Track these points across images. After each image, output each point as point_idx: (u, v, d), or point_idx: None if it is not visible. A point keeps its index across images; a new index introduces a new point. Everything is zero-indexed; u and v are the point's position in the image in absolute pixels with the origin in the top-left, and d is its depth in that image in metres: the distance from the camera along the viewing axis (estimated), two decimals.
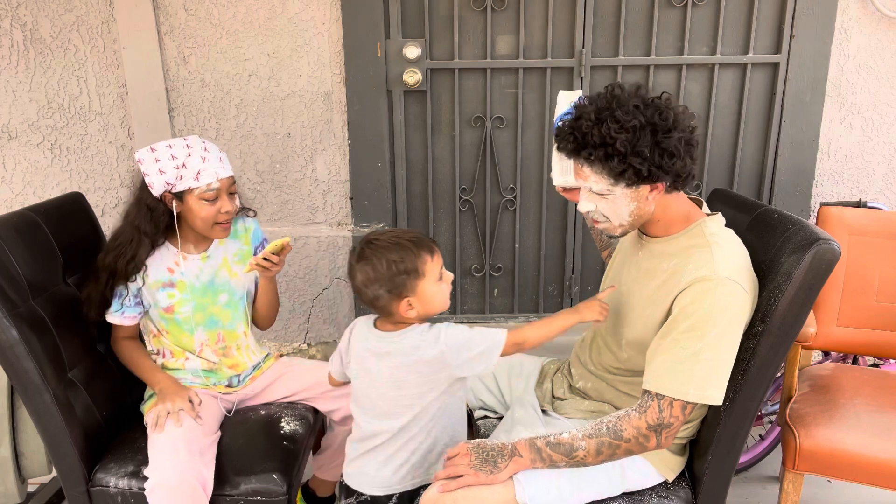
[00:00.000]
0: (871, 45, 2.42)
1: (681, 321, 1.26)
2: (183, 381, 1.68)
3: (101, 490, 1.53)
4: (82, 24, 2.38)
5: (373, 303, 1.36)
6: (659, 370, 1.27)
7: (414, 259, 1.32)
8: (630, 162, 1.23)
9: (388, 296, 1.32)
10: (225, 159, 1.63)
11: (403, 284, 1.32)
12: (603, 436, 1.28)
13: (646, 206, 1.32)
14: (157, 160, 1.54)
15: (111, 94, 2.45)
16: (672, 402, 1.26)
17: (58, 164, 2.51)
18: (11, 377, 1.45)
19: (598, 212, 1.34)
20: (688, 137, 1.26)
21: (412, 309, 1.34)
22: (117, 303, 1.63)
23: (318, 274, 2.62)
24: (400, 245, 1.32)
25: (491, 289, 2.74)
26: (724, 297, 1.24)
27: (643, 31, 2.45)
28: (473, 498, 1.29)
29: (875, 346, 1.93)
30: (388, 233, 1.37)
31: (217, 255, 1.71)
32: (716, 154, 2.57)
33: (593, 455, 1.29)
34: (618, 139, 1.22)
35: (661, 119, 1.23)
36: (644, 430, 1.27)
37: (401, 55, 2.43)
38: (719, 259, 1.27)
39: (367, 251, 1.34)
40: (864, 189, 2.57)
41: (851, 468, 1.59)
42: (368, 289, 1.33)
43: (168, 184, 1.55)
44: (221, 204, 1.59)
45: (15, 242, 1.51)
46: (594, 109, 1.26)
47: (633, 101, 1.24)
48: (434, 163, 2.59)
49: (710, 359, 1.24)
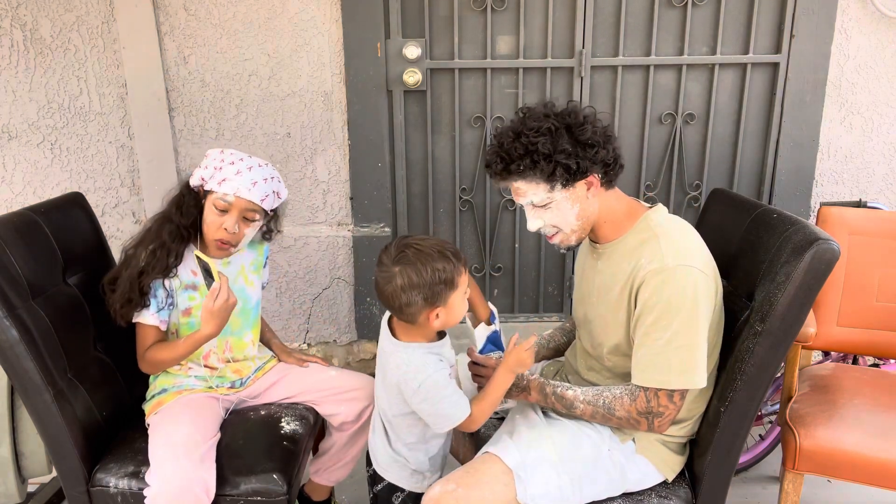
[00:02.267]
0: (871, 45, 2.42)
1: (646, 315, 1.31)
2: (185, 385, 1.67)
3: (101, 490, 1.53)
4: (82, 24, 2.38)
5: (402, 308, 1.31)
6: (640, 364, 1.33)
7: (453, 270, 1.30)
8: (556, 160, 1.30)
9: (422, 304, 1.30)
10: (262, 187, 1.58)
11: (440, 294, 1.30)
12: (598, 408, 1.38)
13: (589, 205, 1.37)
14: (212, 157, 1.59)
15: (111, 94, 2.45)
16: (657, 392, 1.32)
17: (58, 164, 2.51)
18: (11, 377, 1.44)
19: (547, 225, 1.40)
20: (602, 128, 1.35)
21: (438, 319, 1.33)
22: (156, 302, 1.59)
23: (318, 274, 2.62)
24: (444, 255, 1.30)
25: (491, 289, 2.74)
26: (680, 283, 1.27)
27: (643, 31, 2.45)
28: (474, 497, 1.30)
29: (875, 346, 1.93)
30: (427, 239, 1.33)
31: (236, 262, 1.72)
32: (716, 154, 2.57)
33: (588, 417, 1.41)
34: (538, 142, 1.30)
35: (572, 117, 1.33)
36: (635, 416, 1.35)
37: (401, 55, 2.43)
38: (666, 247, 1.31)
39: (412, 256, 1.29)
40: (864, 189, 2.57)
41: (851, 468, 1.59)
42: (405, 293, 1.29)
43: (202, 179, 1.58)
44: (227, 220, 1.57)
45: (15, 242, 1.51)
46: (510, 128, 1.35)
47: (542, 111, 1.35)
48: (434, 163, 2.59)
49: (684, 344, 1.28)
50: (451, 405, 1.33)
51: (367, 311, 2.64)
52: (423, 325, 1.34)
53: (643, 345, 1.32)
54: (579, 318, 1.57)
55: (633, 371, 1.35)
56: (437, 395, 1.32)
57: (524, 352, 1.36)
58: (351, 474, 1.92)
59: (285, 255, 2.60)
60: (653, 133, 2.55)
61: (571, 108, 1.36)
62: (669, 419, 1.35)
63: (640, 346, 1.33)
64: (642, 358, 1.33)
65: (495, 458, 1.36)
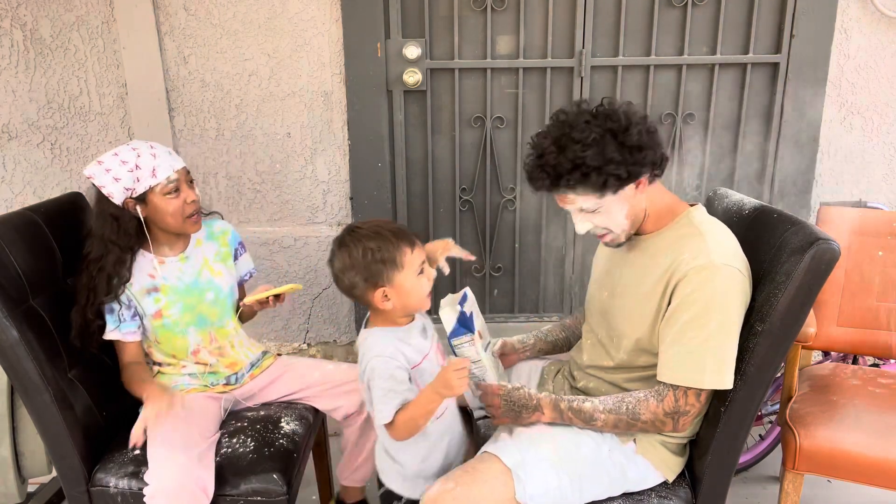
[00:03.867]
0: (871, 45, 2.42)
1: (684, 310, 1.29)
2: (181, 384, 1.67)
3: (101, 490, 1.53)
4: (82, 24, 2.38)
5: (350, 291, 1.37)
6: (671, 361, 1.31)
7: (392, 249, 1.32)
8: (607, 171, 1.26)
9: (363, 284, 1.33)
10: (174, 153, 1.62)
11: (380, 274, 1.32)
12: (622, 415, 1.36)
13: (637, 202, 1.36)
14: (108, 170, 1.52)
15: (111, 94, 2.45)
16: (687, 391, 1.31)
17: (58, 164, 2.51)
18: (11, 377, 1.45)
19: (598, 227, 1.38)
20: (646, 127, 1.30)
21: (388, 300, 1.34)
22: (112, 319, 1.59)
23: (318, 274, 2.62)
24: (380, 234, 1.33)
25: (491, 289, 2.74)
26: (724, 283, 1.27)
27: (643, 31, 2.45)
28: (473, 496, 1.30)
29: (875, 346, 1.93)
30: (370, 222, 1.37)
31: (196, 256, 1.70)
32: (716, 154, 2.57)
33: (610, 427, 1.38)
34: (586, 156, 1.25)
35: (614, 122, 1.27)
36: (661, 417, 1.33)
37: (401, 55, 2.43)
38: (713, 246, 1.30)
39: (347, 238, 1.35)
40: (864, 189, 2.57)
41: (851, 468, 1.59)
42: (345, 275, 1.34)
43: (127, 189, 1.53)
44: (185, 194, 1.59)
45: (15, 242, 1.51)
46: (552, 140, 1.30)
47: (583, 117, 1.29)
48: (434, 163, 2.59)
49: (719, 345, 1.27)
50: (379, 399, 1.32)
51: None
52: (379, 308, 1.37)
53: (677, 342, 1.30)
54: (595, 308, 1.54)
55: (662, 369, 1.33)
56: (372, 382, 1.33)
57: (453, 373, 1.25)
58: None
59: (285, 255, 2.60)
60: None
61: (611, 108, 1.30)
62: (693, 417, 1.34)
63: (672, 344, 1.30)
64: (675, 356, 1.30)
65: (494, 458, 1.36)
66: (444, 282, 2.74)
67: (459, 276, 2.71)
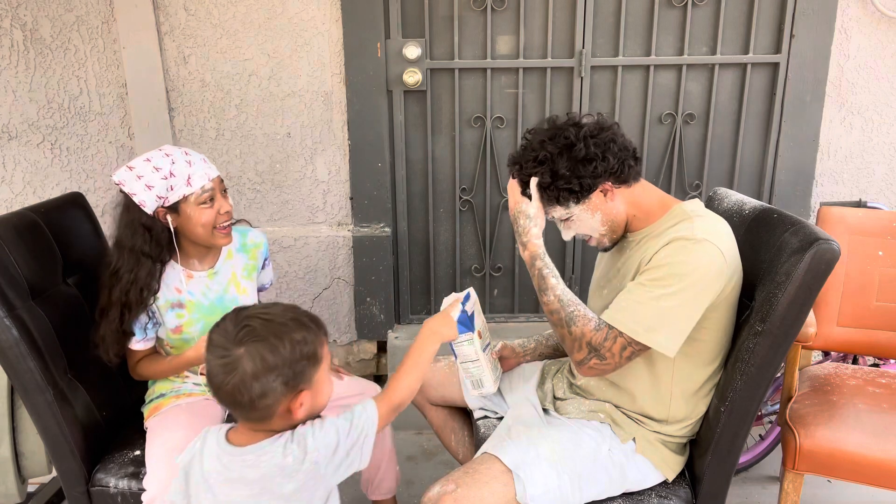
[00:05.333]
0: (871, 45, 2.42)
1: (651, 270, 1.31)
2: (183, 390, 1.67)
3: (101, 490, 1.53)
4: (82, 24, 2.38)
5: (255, 402, 1.02)
6: (618, 305, 1.33)
7: (315, 340, 1.07)
8: (556, 186, 1.35)
9: (282, 389, 1.03)
10: (207, 160, 1.57)
11: (303, 373, 1.05)
12: (563, 310, 1.36)
13: (612, 208, 1.39)
14: (139, 177, 1.46)
15: (111, 94, 2.45)
16: (618, 336, 1.30)
17: (58, 164, 2.51)
18: (11, 377, 1.44)
19: (578, 234, 1.45)
20: (598, 139, 1.34)
21: (303, 407, 1.06)
22: (139, 330, 1.57)
23: (318, 274, 2.62)
24: (300, 322, 1.07)
25: (491, 289, 2.74)
26: (699, 256, 1.27)
27: (643, 31, 2.45)
28: (473, 497, 1.30)
29: (875, 346, 1.93)
30: (272, 306, 1.09)
31: (225, 270, 1.67)
32: (716, 154, 2.57)
33: (546, 312, 1.40)
34: (536, 173, 1.37)
35: (564, 139, 1.35)
36: (584, 342, 1.33)
37: (401, 55, 2.43)
38: (699, 224, 1.32)
39: (259, 327, 1.03)
40: (864, 189, 2.57)
41: (851, 468, 1.59)
42: (258, 381, 1.01)
43: (160, 197, 1.47)
44: (220, 204, 1.54)
45: (15, 242, 1.51)
46: (513, 158, 1.42)
47: (540, 136, 1.38)
48: (434, 163, 2.59)
49: (670, 307, 1.27)
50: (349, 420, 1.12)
51: (367, 311, 2.64)
52: (281, 421, 1.06)
53: (631, 291, 1.32)
54: (596, 307, 1.53)
55: (609, 310, 1.33)
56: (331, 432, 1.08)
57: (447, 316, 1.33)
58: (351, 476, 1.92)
59: (285, 255, 2.60)
60: (653, 133, 2.54)
61: (569, 122, 1.38)
62: (604, 370, 1.34)
63: (627, 292, 1.32)
64: (623, 301, 1.31)
65: (494, 458, 1.36)
66: (445, 282, 2.74)
67: (460, 276, 2.71)
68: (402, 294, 2.72)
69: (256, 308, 1.08)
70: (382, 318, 2.64)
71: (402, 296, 2.72)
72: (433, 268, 2.71)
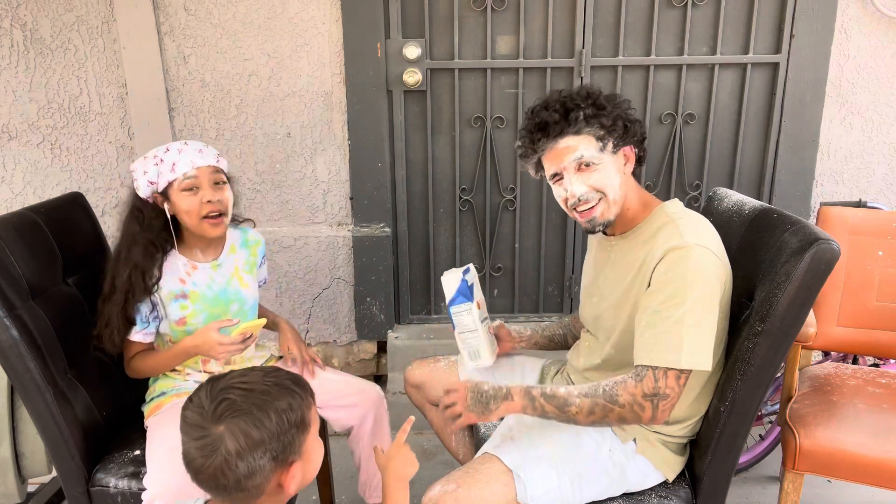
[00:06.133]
0: (871, 45, 2.42)
1: (659, 291, 1.29)
2: (184, 388, 1.66)
3: (101, 490, 1.53)
4: (82, 24, 2.38)
5: (241, 483, 0.92)
6: (648, 343, 1.28)
7: (301, 405, 0.97)
8: (613, 114, 1.34)
9: (270, 466, 0.93)
10: (208, 152, 1.58)
11: (292, 444, 0.95)
12: (598, 397, 1.29)
13: (624, 182, 1.39)
14: (143, 163, 1.55)
15: (111, 94, 2.45)
16: (666, 371, 1.27)
17: (58, 164, 2.51)
18: (11, 377, 1.44)
19: (591, 189, 1.35)
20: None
21: (295, 479, 0.97)
22: (140, 319, 1.57)
23: (318, 274, 2.62)
24: (283, 387, 0.96)
25: (491, 289, 2.74)
26: (696, 261, 1.27)
27: (643, 31, 2.45)
28: (474, 497, 1.30)
29: (875, 346, 1.93)
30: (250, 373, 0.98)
31: (228, 263, 1.69)
32: (716, 154, 2.57)
33: (585, 414, 1.30)
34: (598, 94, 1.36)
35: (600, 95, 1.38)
36: (640, 399, 1.27)
37: (401, 55, 2.43)
38: (685, 228, 1.31)
39: (239, 399, 0.93)
40: (864, 189, 2.57)
41: (851, 468, 1.59)
42: (244, 460, 0.91)
43: (151, 182, 1.53)
44: (203, 194, 1.54)
45: (15, 242, 1.51)
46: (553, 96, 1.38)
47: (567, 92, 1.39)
48: (434, 163, 2.59)
49: (694, 324, 1.26)
50: None
51: (367, 311, 2.64)
52: (271, 499, 0.97)
53: (652, 324, 1.28)
54: (588, 315, 1.55)
55: (640, 352, 1.29)
56: None
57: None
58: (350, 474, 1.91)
59: (285, 255, 2.60)
60: (653, 133, 2.54)
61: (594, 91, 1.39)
62: (672, 404, 1.29)
63: (648, 326, 1.28)
64: (651, 337, 1.27)
65: (494, 459, 1.36)
66: None
67: None
68: (402, 294, 2.72)
69: (233, 377, 0.96)
70: (382, 318, 2.65)
71: (402, 296, 2.72)
72: (433, 268, 2.71)
